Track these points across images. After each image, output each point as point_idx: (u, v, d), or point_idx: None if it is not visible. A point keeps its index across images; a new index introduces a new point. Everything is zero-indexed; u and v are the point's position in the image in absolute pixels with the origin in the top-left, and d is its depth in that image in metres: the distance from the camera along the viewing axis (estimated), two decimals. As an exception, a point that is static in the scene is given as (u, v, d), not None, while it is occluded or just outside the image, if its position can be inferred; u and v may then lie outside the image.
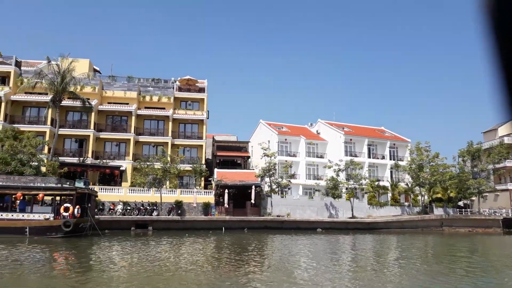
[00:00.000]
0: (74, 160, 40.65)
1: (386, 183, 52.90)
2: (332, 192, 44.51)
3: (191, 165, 44.14)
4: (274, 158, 42.69)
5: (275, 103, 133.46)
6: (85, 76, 38.70)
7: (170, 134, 46.66)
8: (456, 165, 50.73)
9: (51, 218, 23.95)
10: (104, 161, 42.21)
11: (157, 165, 37.38)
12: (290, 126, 61.56)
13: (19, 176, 25.39)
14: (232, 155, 53.58)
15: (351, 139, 57.29)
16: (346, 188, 43.48)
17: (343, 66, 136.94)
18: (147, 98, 47.60)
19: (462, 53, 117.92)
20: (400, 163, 57.32)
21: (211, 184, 44.81)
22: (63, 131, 41.55)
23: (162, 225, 33.22)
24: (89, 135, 42.79)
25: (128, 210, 33.08)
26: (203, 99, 50.35)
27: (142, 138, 46.01)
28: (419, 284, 12.81)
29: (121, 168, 41.23)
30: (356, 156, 56.73)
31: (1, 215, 23.85)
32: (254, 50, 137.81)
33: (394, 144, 59.85)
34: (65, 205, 24.12)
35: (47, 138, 40.42)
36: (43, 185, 24.32)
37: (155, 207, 34.29)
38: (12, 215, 23.89)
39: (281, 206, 41.86)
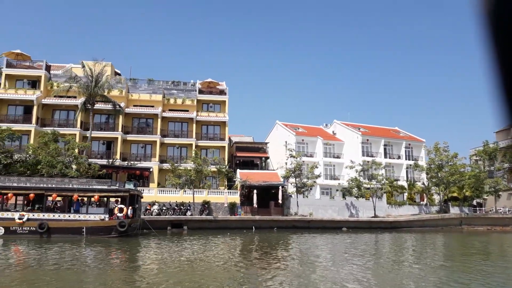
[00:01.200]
0: (104, 162, 41.64)
1: (403, 182, 53.96)
2: (355, 192, 45.57)
3: (215, 166, 45.16)
4: (300, 159, 43.63)
5: (288, 104, 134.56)
6: (118, 80, 39.65)
7: (194, 135, 47.70)
8: (472, 164, 51.71)
9: (106, 219, 25.02)
10: (132, 162, 43.22)
11: (188, 166, 38.38)
12: (306, 127, 62.56)
13: (70, 179, 26.45)
14: (251, 155, 54.52)
15: (367, 140, 58.32)
16: (368, 188, 44.44)
17: (356, 68, 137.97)
18: (171, 101, 48.62)
19: (467, 54, 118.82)
20: (418, 163, 58.68)
21: (232, 184, 45.88)
22: (94, 134, 42.53)
23: (196, 225, 34.27)
24: (117, 137, 43.83)
25: (163, 210, 34.11)
26: (224, 101, 51.40)
27: (167, 140, 47.06)
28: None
29: (150, 170, 42.24)
30: (372, 156, 57.77)
31: (59, 216, 24.91)
32: (266, 51, 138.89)
33: (409, 144, 60.86)
34: (119, 206, 25.18)
35: (77, 140, 41.41)
36: (98, 187, 25.38)
37: (188, 207, 35.34)
38: (69, 216, 24.95)
39: (304, 206, 42.88)
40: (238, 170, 46.29)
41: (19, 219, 24.10)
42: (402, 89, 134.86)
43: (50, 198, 25.90)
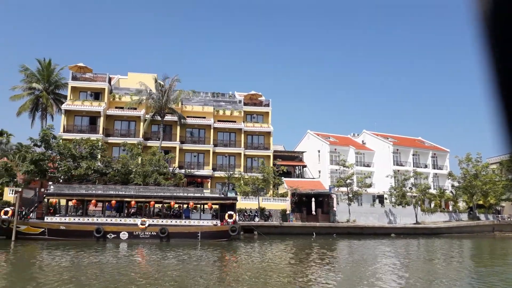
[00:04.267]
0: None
1: (433, 191, 57.15)
2: (394, 200, 48.58)
3: (261, 174, 47.80)
4: (352, 169, 46.41)
5: (314, 114, 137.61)
6: (185, 95, 42.16)
7: (242, 145, 50.35)
8: (499, 174, 54.99)
9: (218, 224, 27.54)
10: (189, 170, 45.66)
11: (255, 175, 41.06)
12: (336, 136, 65.55)
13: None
14: (290, 164, 57.28)
15: (397, 149, 61.48)
16: (411, 196, 47.45)
17: (381, 78, 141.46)
18: (221, 112, 51.22)
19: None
20: (440, 171, 62.10)
21: (277, 191, 48.54)
22: (151, 143, 44.92)
23: (265, 230, 36.81)
24: (175, 147, 46.25)
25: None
26: (268, 112, 54.12)
27: (217, 149, 49.62)
28: None
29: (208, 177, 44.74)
30: (402, 165, 61.01)
31: (176, 222, 27.38)
32: (293, 60, 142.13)
33: (434, 154, 64.24)
34: (229, 212, 27.74)
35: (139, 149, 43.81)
36: (210, 195, 27.98)
37: (256, 214, 37.92)
38: (185, 222, 27.43)
39: (348, 213, 45.70)
40: (283, 179, 48.94)
41: (142, 224, 26.51)
42: (424, 99, 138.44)
43: (150, 205, 28.34)
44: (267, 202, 42.85)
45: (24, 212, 26.19)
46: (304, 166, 58.49)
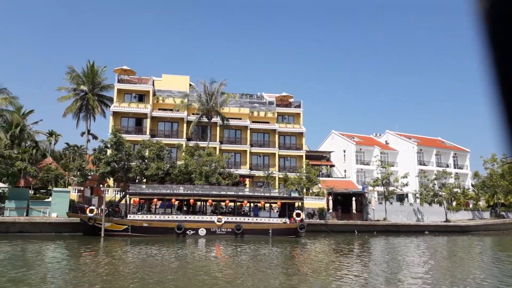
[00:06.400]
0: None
1: (456, 189, 59.22)
2: (423, 198, 50.65)
3: (294, 174, 49.67)
4: (389, 169, 48.30)
5: (335, 114, 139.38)
6: (232, 96, 43.89)
7: (276, 145, 52.20)
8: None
9: (287, 222, 29.49)
10: (228, 170, 47.43)
11: (294, 175, 42.93)
12: (360, 136, 67.49)
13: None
14: (319, 163, 59.18)
15: (421, 149, 63.52)
16: (440, 195, 49.49)
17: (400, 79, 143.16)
18: (255, 113, 53.00)
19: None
20: (461, 171, 64.20)
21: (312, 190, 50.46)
22: (192, 144, 46.65)
23: (312, 228, 38.71)
24: (215, 147, 48.03)
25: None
26: (299, 113, 55.95)
27: (253, 149, 51.44)
28: None
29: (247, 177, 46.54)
30: (425, 165, 63.13)
31: (248, 219, 29.33)
32: (315, 61, 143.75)
33: (455, 154, 66.33)
34: (297, 211, 29.71)
35: (182, 149, 45.57)
36: (280, 195, 29.93)
37: (300, 212, 39.79)
38: (256, 219, 29.37)
39: (379, 211, 47.68)
40: (320, 178, 50.80)
41: (218, 221, 28.41)
42: (436, 98, 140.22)
43: (226, 204, 30.35)
44: (307, 201, 44.76)
45: (108, 211, 27.98)
46: (332, 166, 60.41)
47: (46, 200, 31.63)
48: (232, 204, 30.13)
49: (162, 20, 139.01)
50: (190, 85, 58.44)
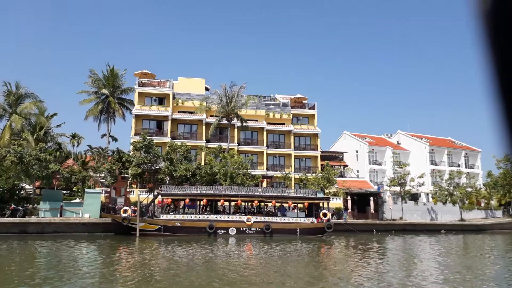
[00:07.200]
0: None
1: (468, 189, 59.88)
2: (437, 198, 51.39)
3: (312, 174, 50.49)
4: (406, 169, 49.03)
5: (345, 115, 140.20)
6: (251, 100, 44.82)
7: (292, 146, 53.06)
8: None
9: (314, 222, 30.38)
10: (245, 170, 48.35)
11: (312, 175, 43.79)
12: (371, 137, 68.23)
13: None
14: (333, 164, 59.97)
15: (432, 149, 64.21)
16: (454, 195, 50.19)
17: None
18: (271, 115, 53.89)
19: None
20: (472, 170, 64.78)
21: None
22: (210, 145, 47.59)
23: (339, 227, 39.54)
24: (232, 148, 48.92)
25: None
26: (313, 114, 56.79)
27: (269, 150, 52.33)
28: None
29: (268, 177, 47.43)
30: (437, 164, 63.82)
31: (277, 219, 30.24)
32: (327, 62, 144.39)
33: (466, 154, 66.96)
34: (323, 211, 30.61)
35: (201, 151, 46.51)
36: (307, 195, 30.89)
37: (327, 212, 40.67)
38: (284, 219, 30.29)
39: (394, 211, 48.44)
40: (335, 178, 51.61)
41: (248, 221, 29.33)
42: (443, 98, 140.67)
43: (254, 204, 31.21)
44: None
45: (142, 211, 28.92)
46: (346, 166, 61.19)
47: (73, 201, 32.66)
48: (252, 204, 31.01)
49: (171, 21, 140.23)
50: (206, 87, 59.53)
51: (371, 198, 44.95)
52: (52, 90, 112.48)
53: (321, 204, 32.65)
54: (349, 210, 42.78)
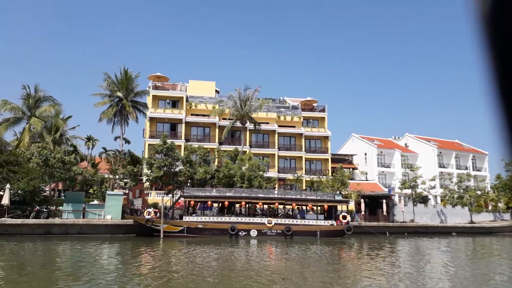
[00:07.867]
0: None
1: (478, 191, 60.35)
2: (447, 200, 51.86)
3: (325, 177, 50.92)
4: (417, 172, 49.51)
5: (352, 117, 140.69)
6: (265, 103, 45.31)
7: (303, 149, 53.53)
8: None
9: (334, 224, 30.86)
10: (261, 173, 48.81)
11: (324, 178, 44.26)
12: (379, 139, 68.67)
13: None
14: (350, 167, 60.36)
15: (440, 152, 64.69)
16: (463, 197, 50.66)
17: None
18: (282, 118, 54.39)
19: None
20: (479, 173, 65.22)
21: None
22: (223, 148, 48.06)
23: (356, 230, 39.97)
24: (245, 151, 49.38)
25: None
26: (323, 117, 57.30)
27: (280, 153, 52.81)
28: None
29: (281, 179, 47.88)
30: (445, 167, 64.29)
31: (297, 221, 30.71)
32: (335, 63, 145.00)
33: (473, 156, 67.44)
34: (343, 214, 31.08)
35: (215, 153, 46.98)
36: (327, 198, 31.42)
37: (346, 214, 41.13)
38: (304, 222, 30.76)
39: (406, 213, 48.89)
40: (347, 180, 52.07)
41: (268, 223, 29.79)
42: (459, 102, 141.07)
43: (275, 207, 31.77)
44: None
45: (165, 213, 29.40)
46: (355, 168, 61.66)
47: (91, 203, 33.09)
48: (270, 206, 31.45)
49: (170, 21, 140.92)
50: (216, 90, 60.06)
51: (383, 201, 45.38)
52: (64, 93, 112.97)
53: (339, 207, 33.11)
54: (362, 213, 43.22)
